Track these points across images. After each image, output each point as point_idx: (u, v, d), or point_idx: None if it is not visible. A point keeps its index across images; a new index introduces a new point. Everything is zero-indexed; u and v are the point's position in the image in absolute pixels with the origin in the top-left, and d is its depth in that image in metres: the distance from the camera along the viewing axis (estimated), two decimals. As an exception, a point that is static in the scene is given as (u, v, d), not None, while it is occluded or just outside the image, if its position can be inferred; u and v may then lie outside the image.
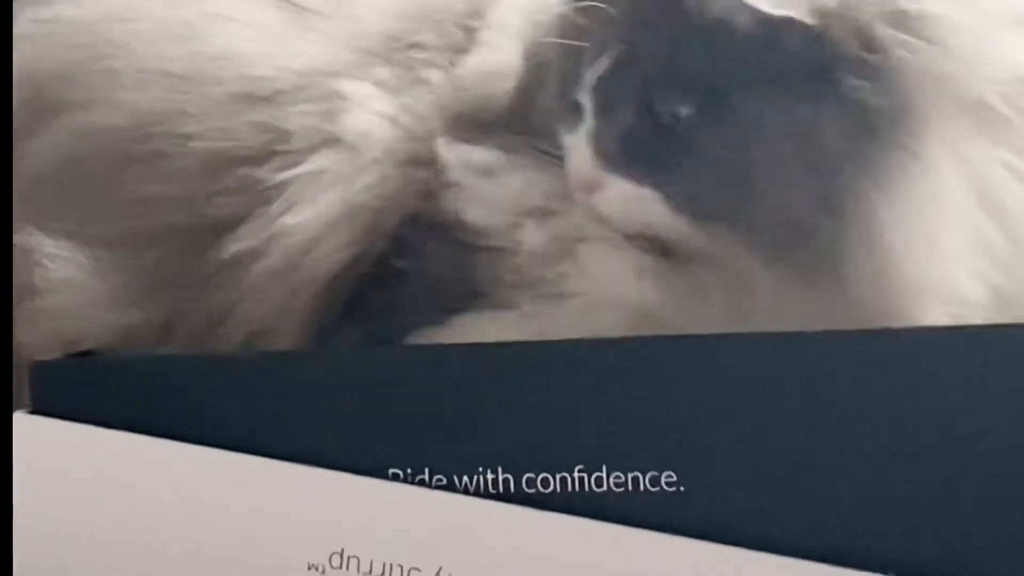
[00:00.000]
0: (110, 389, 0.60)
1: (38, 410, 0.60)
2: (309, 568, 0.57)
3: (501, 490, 0.56)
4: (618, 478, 0.55)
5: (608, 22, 0.61)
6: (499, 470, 0.56)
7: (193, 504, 0.59)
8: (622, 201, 0.61)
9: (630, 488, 0.55)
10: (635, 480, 0.55)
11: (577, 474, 0.55)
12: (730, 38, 0.59)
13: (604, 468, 0.55)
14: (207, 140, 0.67)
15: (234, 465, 0.59)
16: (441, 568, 0.55)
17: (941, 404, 0.54)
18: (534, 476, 0.56)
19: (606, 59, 0.61)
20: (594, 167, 0.61)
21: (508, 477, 0.56)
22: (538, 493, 0.56)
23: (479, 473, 0.56)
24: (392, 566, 0.57)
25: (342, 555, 0.57)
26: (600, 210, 0.62)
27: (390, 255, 0.67)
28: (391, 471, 0.56)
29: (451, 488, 0.57)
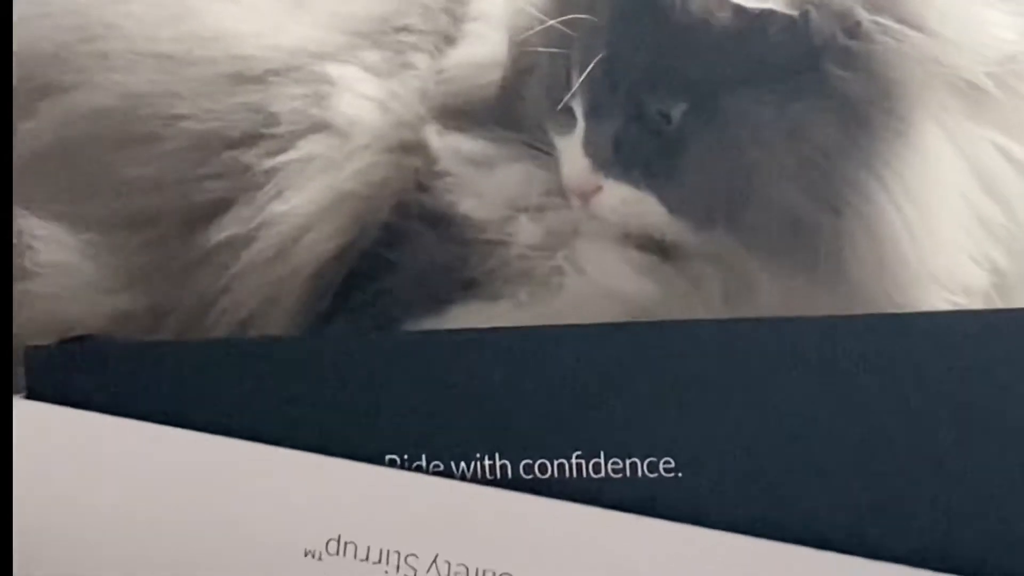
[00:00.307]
0: (103, 374, 0.60)
1: (33, 395, 0.59)
2: (305, 555, 0.57)
3: (499, 476, 0.56)
4: (616, 464, 0.54)
5: (593, 29, 0.62)
6: (496, 456, 0.56)
7: (188, 490, 0.58)
8: (618, 204, 0.62)
9: (628, 474, 0.54)
10: (633, 466, 0.54)
11: (575, 460, 0.55)
12: (713, 36, 0.59)
13: (602, 454, 0.55)
14: (197, 121, 0.67)
15: (228, 451, 0.58)
16: (438, 555, 0.55)
17: (940, 388, 0.53)
18: (531, 462, 0.55)
19: (593, 64, 0.61)
20: (589, 172, 0.62)
21: (506, 463, 0.55)
22: (536, 479, 0.56)
23: (476, 459, 0.56)
24: (389, 552, 0.56)
25: (339, 541, 0.57)
26: (596, 212, 0.62)
27: (381, 244, 0.66)
28: (388, 457, 0.56)
29: (448, 474, 0.57)
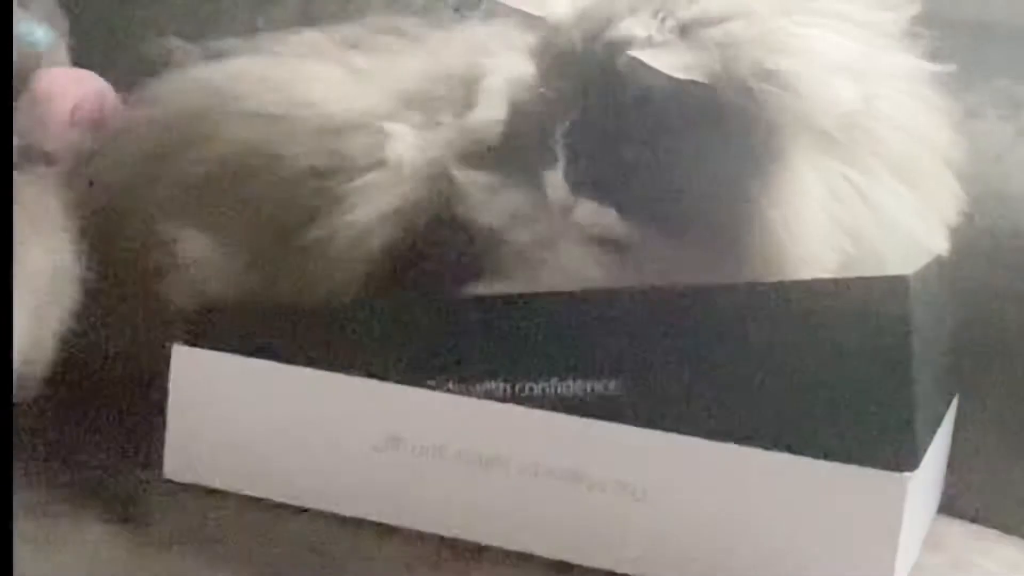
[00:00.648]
0: (234, 330, 0.77)
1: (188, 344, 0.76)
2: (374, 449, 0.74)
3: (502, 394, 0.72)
4: (568, 384, 0.71)
5: (569, 94, 0.71)
6: (500, 380, 0.72)
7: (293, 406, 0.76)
8: (587, 215, 0.71)
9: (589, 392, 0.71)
10: (585, 387, 0.71)
11: (555, 383, 0.71)
12: (655, 97, 0.67)
13: (554, 377, 0.71)
14: (294, 160, 0.78)
15: (316, 378, 0.74)
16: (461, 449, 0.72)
17: (801, 328, 0.67)
18: (522, 384, 0.72)
19: (569, 119, 0.71)
20: (568, 194, 0.71)
21: (507, 385, 0.72)
22: (528, 396, 0.71)
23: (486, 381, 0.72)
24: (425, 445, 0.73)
25: (397, 438, 0.73)
26: (572, 222, 0.71)
27: (420, 243, 0.77)
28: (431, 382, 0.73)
29: (467, 393, 0.72)
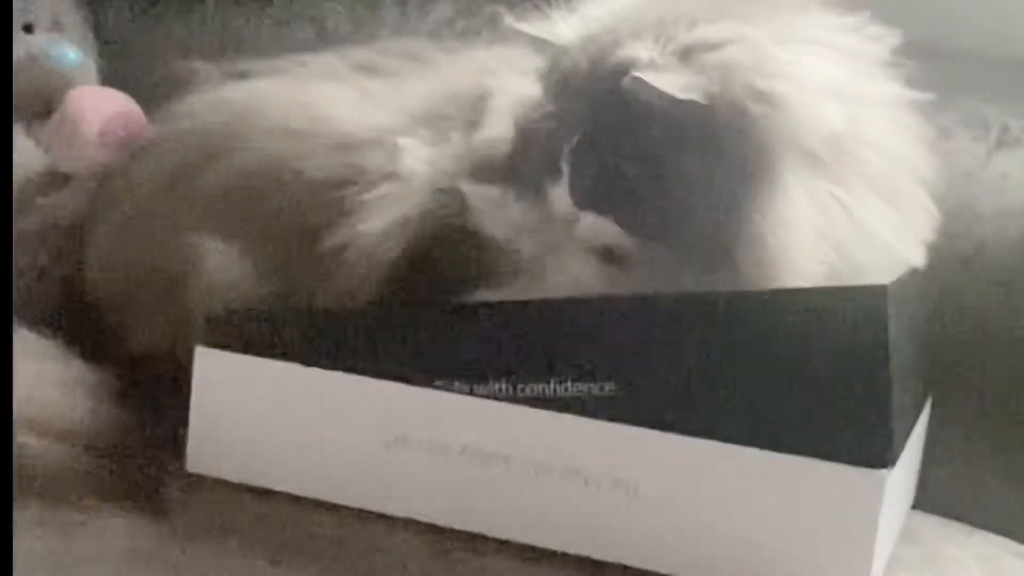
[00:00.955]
0: (255, 333, 0.78)
1: (209, 345, 0.78)
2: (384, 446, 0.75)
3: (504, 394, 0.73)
4: (567, 387, 0.72)
5: (574, 113, 0.72)
6: (502, 381, 0.73)
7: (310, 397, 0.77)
8: (590, 228, 0.71)
9: (586, 393, 0.71)
10: (583, 389, 0.71)
11: (554, 383, 0.72)
12: (655, 117, 0.68)
13: (554, 379, 0.72)
14: (314, 172, 0.80)
15: (330, 379, 0.76)
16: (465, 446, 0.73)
17: (788, 329, 0.68)
18: (524, 385, 0.73)
19: (575, 137, 0.71)
20: (572, 208, 0.71)
21: (509, 386, 0.73)
22: (529, 397, 0.72)
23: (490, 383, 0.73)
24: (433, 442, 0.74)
25: (405, 436, 0.75)
26: (575, 234, 0.72)
27: (429, 251, 0.78)
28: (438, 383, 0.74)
29: (472, 394, 0.73)
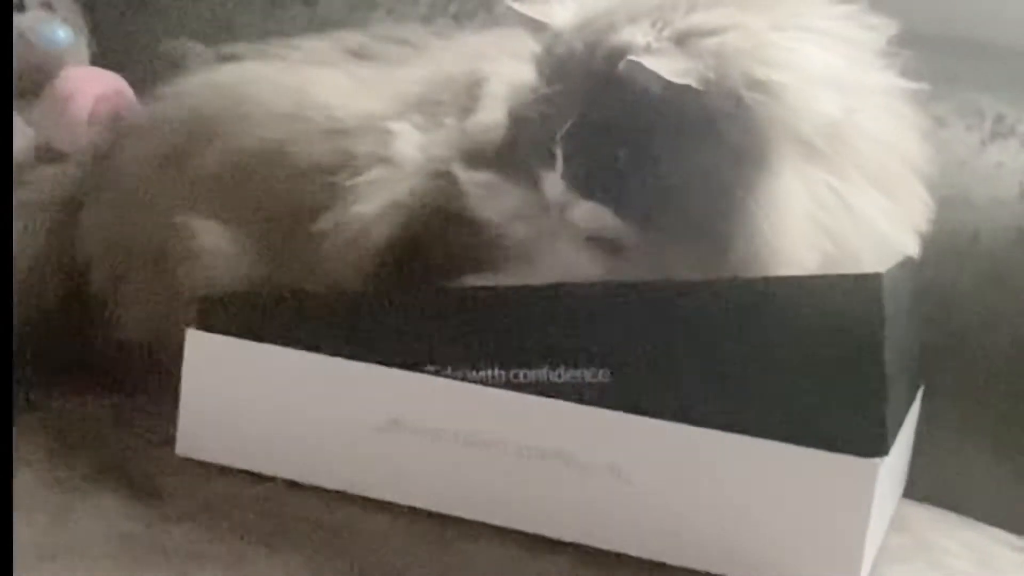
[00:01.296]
0: (245, 316, 0.78)
1: (201, 328, 0.78)
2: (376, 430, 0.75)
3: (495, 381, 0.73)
4: (560, 373, 0.72)
5: (568, 98, 0.72)
6: (495, 367, 0.73)
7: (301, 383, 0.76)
8: (584, 213, 0.72)
9: (578, 379, 0.72)
10: (576, 376, 0.72)
11: (547, 370, 0.72)
12: (650, 102, 0.68)
13: (546, 365, 0.72)
14: (306, 156, 0.80)
15: (321, 363, 0.76)
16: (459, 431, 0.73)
17: (781, 315, 0.68)
18: (517, 371, 0.73)
19: (569, 122, 0.71)
20: (565, 193, 0.72)
21: (502, 372, 0.73)
22: (521, 382, 0.73)
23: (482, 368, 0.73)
24: (428, 428, 0.74)
25: (398, 421, 0.75)
26: (569, 220, 0.72)
27: (422, 236, 0.78)
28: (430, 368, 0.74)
29: (464, 379, 0.74)
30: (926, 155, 0.78)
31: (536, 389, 0.72)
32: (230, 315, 0.78)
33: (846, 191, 0.71)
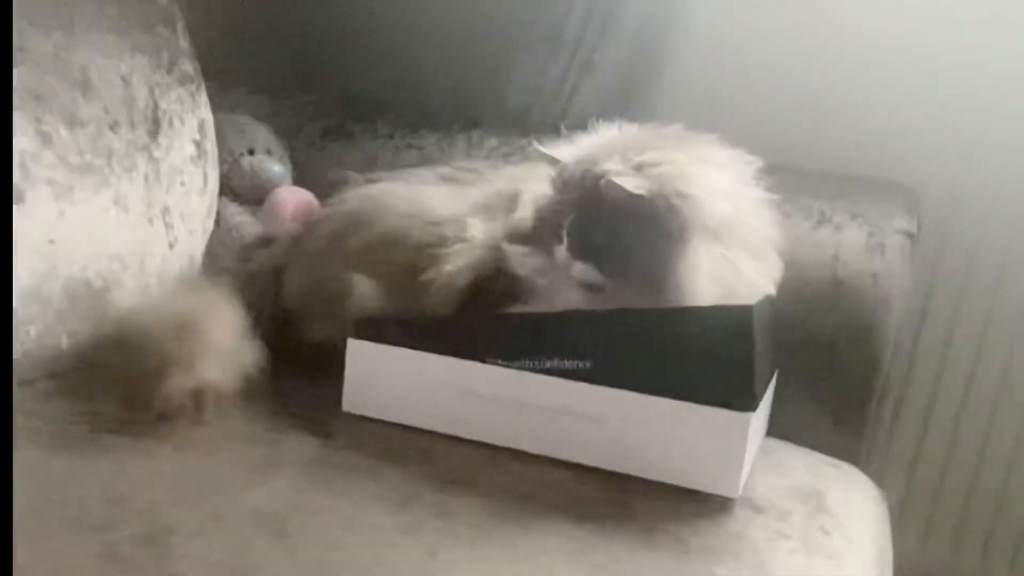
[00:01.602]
0: (384, 330, 0.77)
1: (357, 337, 0.78)
2: (458, 395, 0.76)
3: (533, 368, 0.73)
4: (563, 363, 0.72)
5: (571, 203, 0.73)
6: (526, 359, 0.73)
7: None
8: (579, 272, 0.73)
9: (575, 367, 0.72)
10: (573, 364, 0.72)
11: (554, 361, 0.72)
12: (619, 204, 0.69)
13: (555, 358, 0.72)
14: (417, 238, 0.80)
15: (429, 358, 0.75)
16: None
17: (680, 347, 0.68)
18: (539, 362, 0.72)
19: (571, 217, 0.73)
20: (569, 259, 0.73)
21: (530, 362, 0.73)
22: (543, 368, 0.72)
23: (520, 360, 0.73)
24: (488, 395, 0.75)
25: (470, 392, 0.75)
26: (569, 274, 0.73)
27: (485, 283, 0.78)
28: (487, 360, 0.75)
29: (509, 367, 0.73)
30: (779, 235, 0.78)
31: (551, 372, 0.73)
32: (374, 330, 0.77)
33: (733, 257, 0.73)
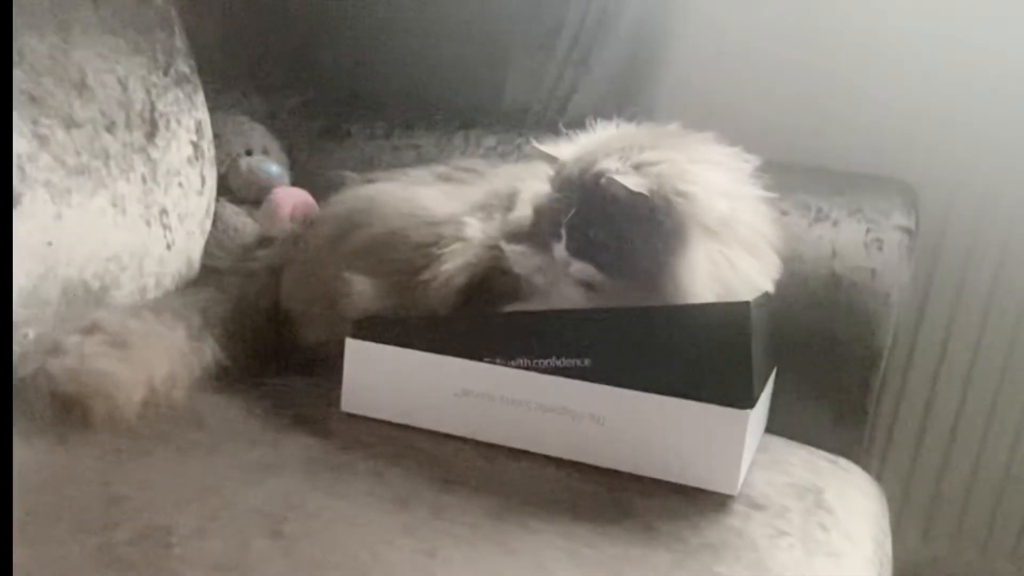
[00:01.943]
0: (381, 330, 0.77)
1: (356, 337, 0.78)
2: (455, 395, 0.75)
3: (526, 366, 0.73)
4: (562, 361, 0.72)
5: (570, 201, 0.72)
6: (524, 357, 0.73)
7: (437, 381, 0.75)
8: (578, 269, 0.73)
9: (573, 365, 0.71)
10: (571, 362, 0.71)
11: (551, 361, 0.72)
12: (618, 202, 0.69)
13: (554, 356, 0.72)
14: (415, 237, 0.80)
15: (425, 357, 0.75)
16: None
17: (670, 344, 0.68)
18: (537, 360, 0.72)
19: (570, 215, 0.72)
20: (567, 256, 0.73)
21: (528, 360, 0.72)
22: (540, 367, 0.72)
23: (517, 358, 0.73)
24: (484, 393, 0.74)
25: (469, 391, 0.75)
26: (568, 272, 0.73)
27: (483, 282, 0.77)
28: (485, 359, 0.74)
29: (506, 365, 0.73)
30: (777, 233, 0.78)
31: (549, 371, 0.73)
32: (372, 330, 0.77)
33: (731, 255, 0.73)
